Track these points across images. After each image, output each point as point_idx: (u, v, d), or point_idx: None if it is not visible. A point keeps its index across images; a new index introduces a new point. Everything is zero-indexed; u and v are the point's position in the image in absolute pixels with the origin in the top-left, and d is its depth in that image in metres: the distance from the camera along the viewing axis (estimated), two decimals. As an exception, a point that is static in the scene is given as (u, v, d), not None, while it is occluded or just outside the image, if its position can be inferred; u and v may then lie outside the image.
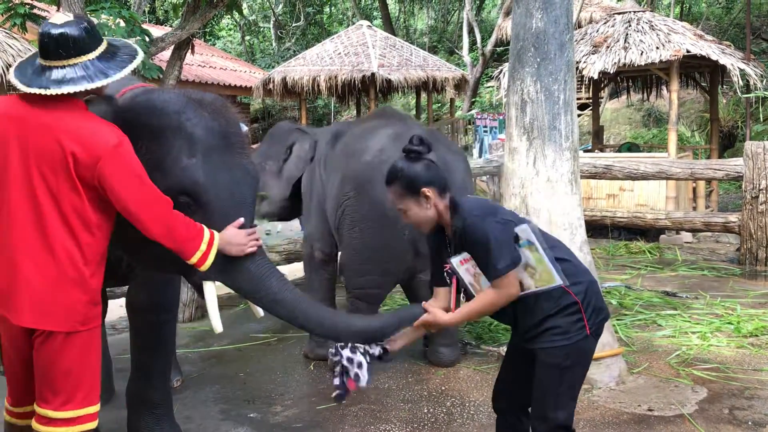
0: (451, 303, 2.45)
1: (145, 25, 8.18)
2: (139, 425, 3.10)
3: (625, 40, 8.57)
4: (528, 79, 3.81)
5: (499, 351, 4.17)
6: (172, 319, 3.22)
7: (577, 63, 8.33)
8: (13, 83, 2.22)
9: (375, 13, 23.57)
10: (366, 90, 12.69)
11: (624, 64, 8.37)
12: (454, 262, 2.37)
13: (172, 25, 16.61)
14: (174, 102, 2.49)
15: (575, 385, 2.37)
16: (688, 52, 8.18)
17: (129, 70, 2.28)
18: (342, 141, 4.34)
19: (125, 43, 2.41)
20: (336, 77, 11.71)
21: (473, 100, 17.76)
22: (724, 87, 11.52)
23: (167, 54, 8.62)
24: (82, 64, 2.21)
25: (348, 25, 20.01)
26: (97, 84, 2.21)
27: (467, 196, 2.55)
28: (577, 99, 6.64)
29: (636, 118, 16.16)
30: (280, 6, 23.32)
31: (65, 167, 2.15)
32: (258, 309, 2.58)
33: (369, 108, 12.14)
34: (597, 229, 7.98)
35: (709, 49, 8.24)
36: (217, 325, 2.55)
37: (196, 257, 2.32)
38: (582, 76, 8.77)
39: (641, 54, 8.29)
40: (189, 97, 2.54)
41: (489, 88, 15.29)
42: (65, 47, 2.20)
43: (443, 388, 3.85)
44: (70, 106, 2.22)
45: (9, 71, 2.36)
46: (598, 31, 9.13)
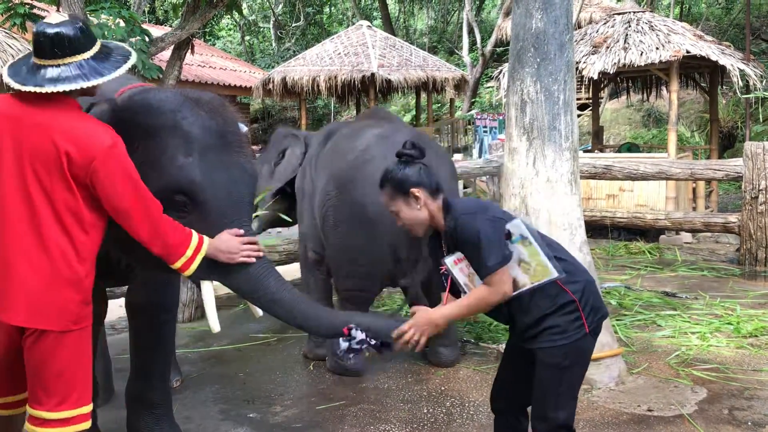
0: (442, 303, 2.45)
1: (144, 25, 8.17)
2: (139, 425, 3.10)
3: (624, 41, 8.58)
4: (528, 80, 3.81)
5: (498, 349, 4.17)
6: (172, 319, 3.21)
7: (576, 63, 8.34)
8: (6, 82, 2.22)
9: (375, 14, 23.57)
10: (366, 90, 12.70)
11: (624, 65, 8.37)
12: (448, 262, 2.38)
13: (171, 25, 16.61)
14: (170, 101, 2.49)
15: (575, 384, 2.37)
16: (687, 52, 8.18)
17: (123, 69, 2.29)
18: (331, 141, 4.35)
19: (119, 45, 2.43)
20: (336, 77, 11.72)
21: (473, 100, 17.77)
22: (724, 87, 11.52)
23: (167, 54, 8.62)
24: (77, 63, 2.22)
25: (348, 26, 20.02)
26: (93, 82, 2.22)
27: (458, 198, 2.56)
28: (577, 99, 6.64)
29: (636, 119, 16.17)
30: (280, 6, 23.32)
31: (59, 166, 2.16)
32: (257, 309, 2.58)
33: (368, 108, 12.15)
34: (597, 229, 7.98)
35: (709, 49, 8.24)
36: (215, 325, 2.55)
37: (180, 262, 2.32)
38: (582, 77, 8.78)
39: (641, 54, 8.29)
40: (186, 96, 2.54)
41: (489, 88, 15.28)
42: (60, 46, 2.21)
43: (443, 389, 3.85)
44: (64, 105, 2.23)
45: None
46: (597, 31, 9.13)
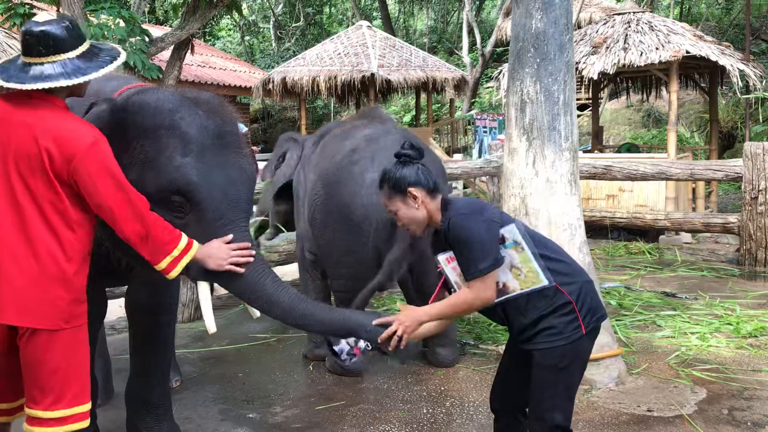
0: (431, 300, 2.47)
1: (144, 25, 8.18)
2: (139, 425, 3.10)
3: (624, 41, 8.57)
4: (527, 80, 3.81)
5: (498, 350, 4.17)
6: (172, 319, 3.21)
7: (576, 64, 8.34)
8: None
9: (375, 14, 23.58)
10: (366, 90, 12.70)
11: (623, 65, 8.36)
12: (441, 259, 2.38)
13: (171, 26, 16.61)
14: (168, 101, 2.48)
15: (572, 385, 2.36)
16: (687, 52, 8.18)
17: (107, 70, 2.28)
18: (322, 141, 4.35)
19: (110, 46, 2.42)
20: (336, 77, 11.72)
21: (473, 100, 17.77)
22: (724, 88, 11.53)
23: (167, 54, 8.63)
24: (61, 61, 2.22)
25: (348, 26, 20.03)
26: (74, 81, 2.21)
27: (456, 197, 2.57)
28: (577, 100, 6.64)
29: (635, 119, 16.16)
30: (280, 6, 23.33)
31: (41, 165, 2.16)
32: (254, 309, 2.57)
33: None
34: (596, 229, 7.97)
35: (709, 49, 8.23)
36: (211, 326, 2.55)
37: (164, 263, 2.30)
38: (581, 77, 8.78)
39: (641, 55, 8.28)
40: (184, 96, 2.53)
41: (488, 88, 15.27)
42: (45, 44, 2.21)
43: (442, 389, 3.85)
44: (49, 105, 2.23)
45: None
46: (597, 31, 9.12)
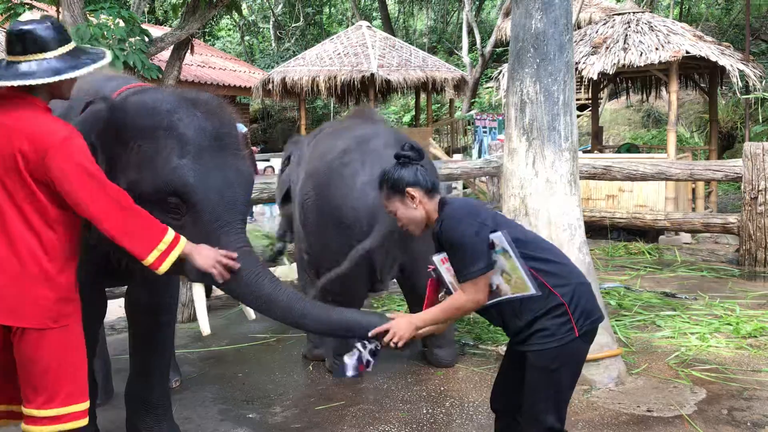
0: (425, 302, 2.47)
1: (144, 26, 8.18)
2: (139, 425, 3.10)
3: (624, 41, 8.57)
4: (527, 80, 3.81)
5: (498, 351, 4.17)
6: (171, 319, 3.21)
7: (576, 64, 8.34)
8: None
9: (374, 14, 23.58)
10: (365, 90, 12.71)
11: (623, 65, 8.36)
12: (436, 260, 2.39)
13: (171, 26, 16.60)
14: (166, 101, 2.47)
15: (564, 387, 2.34)
16: (687, 53, 8.18)
17: (82, 72, 2.26)
18: (314, 140, 4.34)
19: (97, 50, 2.41)
20: (335, 78, 11.72)
21: (473, 100, 17.77)
22: (724, 88, 11.53)
23: (167, 54, 8.63)
24: (38, 61, 2.23)
25: (347, 26, 20.04)
26: (46, 80, 2.20)
27: (454, 198, 2.57)
28: (577, 100, 6.63)
29: (635, 119, 16.17)
30: (280, 6, 23.33)
31: (15, 165, 2.16)
32: (250, 311, 2.55)
33: (369, 108, 12.15)
34: (596, 229, 7.98)
35: (709, 50, 8.24)
36: (205, 327, 2.54)
37: (152, 257, 2.25)
38: (581, 77, 8.78)
39: (640, 55, 8.28)
40: (183, 97, 2.52)
41: (488, 88, 15.27)
42: (24, 43, 2.23)
43: (442, 389, 3.85)
44: (28, 105, 2.24)
45: None
46: (597, 32, 9.13)
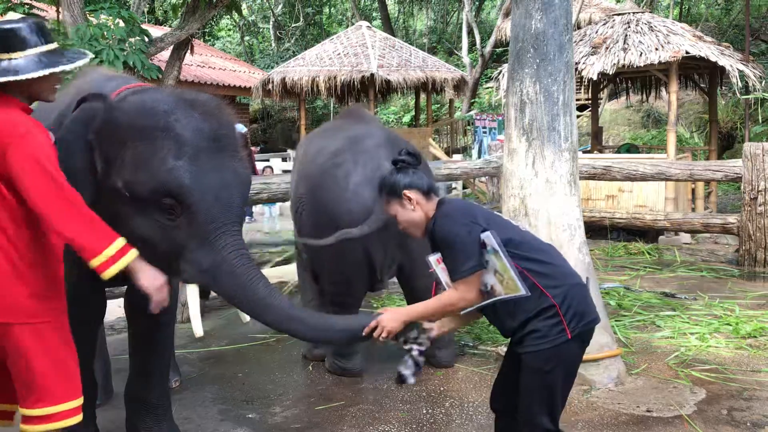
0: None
1: (144, 26, 8.18)
2: (138, 425, 3.10)
3: (624, 42, 8.58)
4: (527, 80, 3.81)
5: (497, 351, 4.17)
6: (171, 319, 3.20)
7: (576, 64, 8.34)
8: None
9: (374, 14, 23.59)
10: (365, 91, 12.72)
11: (623, 65, 8.36)
12: (432, 260, 2.42)
13: (171, 26, 16.61)
14: (164, 102, 2.46)
15: (558, 389, 2.34)
16: (687, 53, 8.18)
17: (44, 72, 2.24)
18: (307, 140, 4.34)
19: (76, 51, 2.42)
20: (335, 78, 11.73)
21: (472, 100, 17.79)
22: (723, 88, 11.53)
23: (166, 54, 8.63)
24: (8, 60, 2.23)
25: (347, 26, 20.04)
26: (5, 78, 2.20)
27: (451, 198, 2.59)
28: (576, 100, 6.62)
29: (635, 119, 16.18)
30: (280, 6, 23.33)
31: None
32: (244, 314, 2.54)
33: (368, 109, 12.17)
34: (596, 230, 7.98)
35: (708, 50, 8.24)
36: (198, 329, 2.53)
37: (99, 259, 2.23)
38: (581, 77, 8.78)
39: (640, 55, 8.29)
40: (181, 98, 2.51)
41: (488, 89, 15.28)
42: (5, 42, 2.24)
43: (442, 389, 3.85)
44: (2, 103, 2.24)
45: None
46: (597, 32, 9.13)
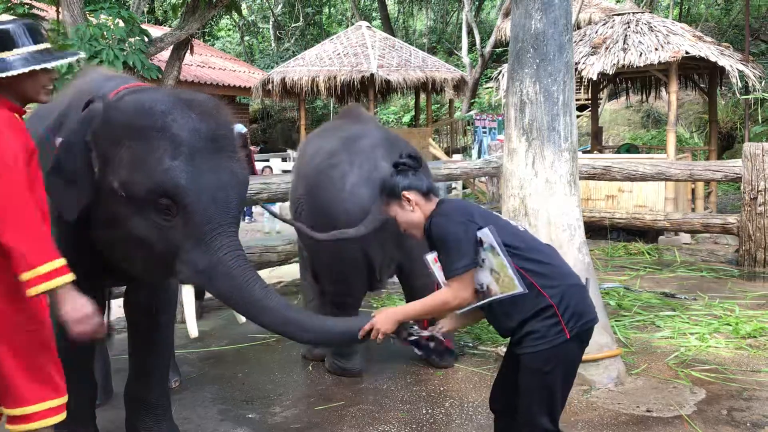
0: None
1: (144, 26, 8.18)
2: (138, 425, 3.10)
3: (624, 42, 8.58)
4: (527, 80, 3.81)
5: (497, 351, 4.17)
6: (171, 319, 3.21)
7: (576, 64, 8.34)
8: None
9: (374, 14, 23.60)
10: (365, 91, 12.73)
11: (623, 66, 8.37)
12: (429, 259, 2.43)
13: (171, 26, 16.61)
14: (161, 102, 2.46)
15: (558, 390, 2.33)
16: (687, 53, 8.18)
17: (24, 69, 2.21)
18: (304, 140, 4.35)
19: (66, 53, 2.43)
20: (335, 78, 11.74)
21: (472, 101, 17.79)
22: (723, 88, 11.53)
23: (166, 54, 8.62)
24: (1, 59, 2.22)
25: (347, 26, 20.05)
26: None
27: (449, 198, 2.60)
28: (576, 100, 6.61)
29: (635, 120, 16.18)
30: (280, 6, 23.34)
31: None
32: (240, 315, 2.54)
33: (368, 108, 12.18)
34: (596, 230, 7.98)
35: (708, 50, 8.24)
36: (193, 330, 2.52)
37: (29, 274, 2.11)
38: (581, 77, 8.78)
39: (640, 55, 8.29)
40: (178, 98, 2.50)
41: (488, 89, 15.29)
42: None
43: (442, 389, 3.85)
44: None
45: None
46: (597, 32, 9.13)
